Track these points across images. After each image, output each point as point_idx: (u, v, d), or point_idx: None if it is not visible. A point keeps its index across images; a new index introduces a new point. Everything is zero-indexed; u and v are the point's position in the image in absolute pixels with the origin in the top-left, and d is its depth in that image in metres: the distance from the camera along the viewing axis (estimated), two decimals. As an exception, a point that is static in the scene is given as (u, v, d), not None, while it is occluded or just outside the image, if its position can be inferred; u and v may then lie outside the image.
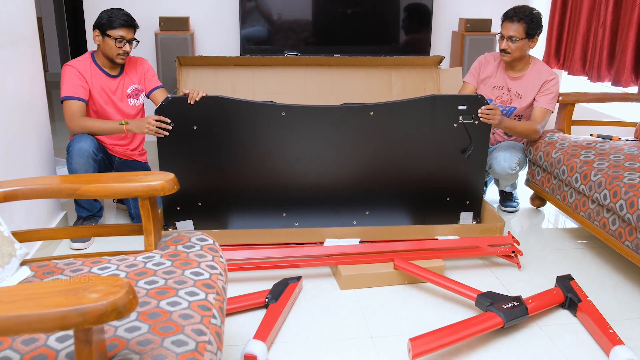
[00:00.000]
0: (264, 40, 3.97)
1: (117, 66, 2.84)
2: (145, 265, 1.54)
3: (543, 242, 2.94)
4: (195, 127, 2.59)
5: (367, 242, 2.67)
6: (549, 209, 3.39)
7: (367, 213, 2.80)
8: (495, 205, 3.35)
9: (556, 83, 3.02)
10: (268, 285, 2.40)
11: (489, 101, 2.94)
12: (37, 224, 2.58)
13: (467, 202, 2.85)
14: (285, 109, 2.61)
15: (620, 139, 3.01)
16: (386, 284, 2.47)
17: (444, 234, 2.76)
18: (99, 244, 2.79)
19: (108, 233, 1.83)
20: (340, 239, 2.67)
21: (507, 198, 3.33)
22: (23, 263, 1.59)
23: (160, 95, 2.91)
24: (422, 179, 2.78)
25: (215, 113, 2.58)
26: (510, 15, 2.96)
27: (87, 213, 2.85)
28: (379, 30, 4.07)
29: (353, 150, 2.70)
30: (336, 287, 2.45)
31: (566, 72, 4.06)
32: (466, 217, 2.87)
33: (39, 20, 2.66)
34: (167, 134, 2.56)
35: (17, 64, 2.42)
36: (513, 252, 2.64)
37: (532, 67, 3.06)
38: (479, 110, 2.70)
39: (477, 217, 2.89)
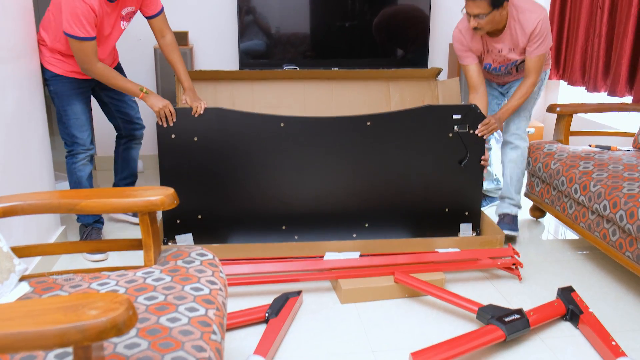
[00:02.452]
0: (262, 54, 3.99)
1: None
2: (144, 281, 1.54)
3: (543, 254, 2.93)
4: (195, 139, 2.59)
5: (367, 255, 2.66)
6: (548, 220, 3.38)
7: (367, 225, 2.79)
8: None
9: (542, 26, 2.74)
10: (268, 300, 2.39)
11: (490, 68, 2.96)
12: (36, 239, 2.57)
13: (466, 213, 2.85)
14: (284, 120, 2.62)
15: (619, 149, 3.01)
16: (387, 298, 2.46)
17: (444, 247, 2.75)
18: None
19: (108, 248, 1.82)
20: (340, 253, 2.66)
21: (508, 221, 3.09)
22: (22, 279, 1.59)
23: (162, 24, 2.73)
24: (420, 189, 2.78)
25: (216, 124, 2.59)
26: None
27: (93, 217, 2.86)
28: (376, 43, 4.08)
29: (351, 161, 2.71)
30: (336, 301, 2.44)
31: (566, 83, 4.07)
32: (465, 229, 2.87)
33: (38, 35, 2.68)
34: (167, 125, 2.57)
35: (17, 79, 2.43)
36: (513, 264, 2.63)
37: (511, 20, 2.76)
38: (477, 132, 2.74)
39: (477, 229, 2.89)
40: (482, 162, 2.83)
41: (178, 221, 2.69)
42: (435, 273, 2.51)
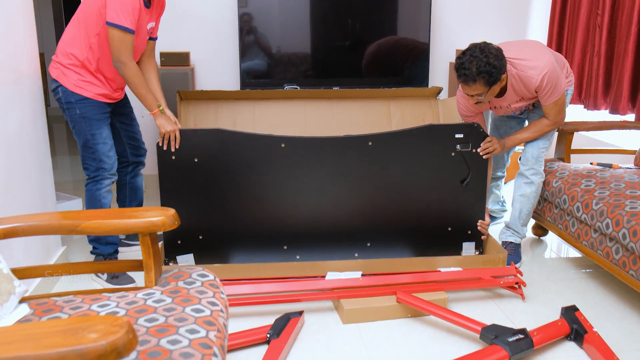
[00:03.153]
0: (263, 73, 4.01)
1: None
2: (145, 302, 1.53)
3: (546, 272, 2.91)
4: (196, 160, 2.59)
5: (369, 275, 2.64)
6: (551, 238, 3.37)
7: (369, 245, 2.79)
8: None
9: (547, 80, 2.63)
10: (269, 320, 2.37)
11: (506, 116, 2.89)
12: (37, 259, 2.57)
13: (469, 232, 2.84)
14: (285, 141, 2.62)
15: (620, 167, 3.01)
16: (389, 318, 2.44)
17: (447, 266, 2.74)
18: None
19: (108, 269, 1.81)
20: (342, 272, 2.65)
21: (510, 250, 3.03)
22: (22, 300, 1.58)
23: (154, 47, 2.79)
24: (422, 208, 2.77)
25: (216, 145, 2.59)
26: (463, 80, 2.55)
27: (113, 247, 2.78)
28: (378, 63, 4.11)
29: (353, 181, 2.70)
30: (338, 321, 2.42)
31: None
32: (468, 247, 2.86)
33: (41, 56, 2.68)
34: (168, 148, 2.56)
35: (19, 101, 2.44)
36: (516, 283, 2.61)
37: (512, 79, 2.68)
38: (479, 150, 2.73)
39: (480, 247, 2.88)
40: (479, 228, 2.83)
41: (179, 242, 2.68)
42: (438, 292, 2.50)
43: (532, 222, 3.40)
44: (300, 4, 3.95)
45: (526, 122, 3.08)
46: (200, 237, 2.70)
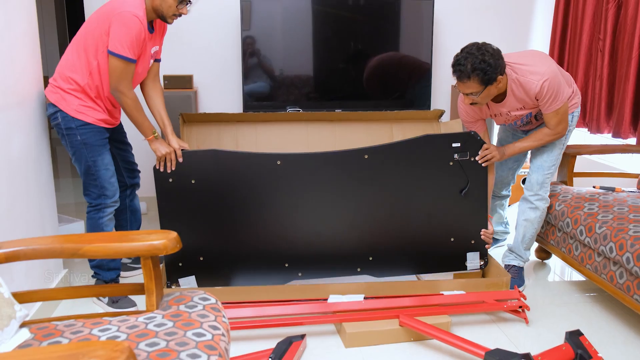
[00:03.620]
0: (266, 96, 4.03)
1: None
2: (146, 327, 1.52)
3: (550, 296, 2.89)
4: (193, 182, 2.60)
5: (372, 298, 2.63)
6: (554, 261, 3.35)
7: (371, 259, 2.78)
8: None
9: (547, 87, 2.60)
10: (271, 344, 2.35)
11: (507, 125, 2.87)
12: (38, 282, 2.56)
13: (472, 242, 2.82)
14: (281, 158, 2.62)
15: (623, 191, 3.00)
16: (392, 342, 2.42)
17: (449, 289, 2.72)
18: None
19: (109, 293, 1.80)
20: (344, 295, 2.63)
21: (514, 274, 3.00)
22: (22, 325, 1.57)
23: (158, 69, 2.80)
24: (423, 220, 2.76)
25: (212, 166, 2.60)
26: (458, 76, 2.53)
27: (115, 273, 2.75)
28: (379, 86, 4.13)
29: (351, 195, 2.70)
30: (341, 345, 2.40)
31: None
32: (473, 258, 2.84)
33: (45, 80, 2.69)
34: (165, 171, 2.57)
35: (23, 124, 2.45)
36: (520, 306, 2.60)
37: (512, 84, 2.65)
38: (477, 158, 2.71)
39: (484, 257, 2.86)
40: (483, 237, 2.81)
41: (180, 264, 2.68)
42: (441, 316, 2.48)
43: (535, 245, 3.39)
44: (303, 27, 3.99)
45: None
46: (201, 259, 2.69)
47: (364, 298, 2.60)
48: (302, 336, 2.33)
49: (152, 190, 4.15)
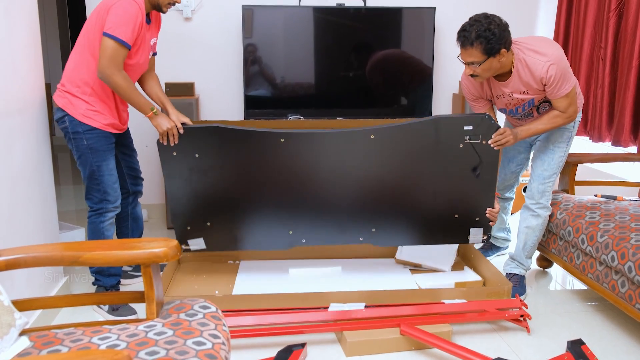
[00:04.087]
0: (267, 103, 4.03)
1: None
2: (146, 335, 1.51)
3: (552, 305, 2.88)
4: (197, 155, 2.62)
5: (373, 306, 2.62)
6: (556, 270, 3.34)
7: (374, 230, 2.80)
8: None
9: (554, 71, 2.55)
10: (272, 353, 2.34)
11: (507, 112, 2.84)
12: (39, 290, 2.55)
13: (477, 219, 2.81)
14: (284, 136, 2.61)
15: (625, 199, 3.00)
16: (393, 351, 2.41)
17: (451, 298, 2.71)
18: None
19: (110, 301, 1.80)
20: (345, 304, 2.62)
21: (515, 282, 2.98)
22: (22, 333, 1.56)
23: (154, 61, 2.83)
24: (429, 197, 2.76)
25: (215, 141, 2.61)
26: (462, 42, 2.53)
27: (115, 279, 2.75)
28: (381, 93, 4.13)
29: (355, 172, 2.70)
30: (342, 354, 2.39)
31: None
32: (476, 233, 2.83)
33: (47, 87, 2.69)
34: (168, 143, 2.58)
35: (25, 131, 2.45)
36: (521, 315, 2.59)
37: (517, 62, 2.61)
38: (490, 142, 2.64)
39: (488, 232, 2.86)
40: (488, 215, 2.80)
41: (188, 227, 2.75)
42: (442, 325, 2.47)
43: (536, 253, 3.37)
44: (304, 35, 4.00)
45: (532, 152, 3.07)
46: (209, 224, 2.75)
47: (365, 306, 2.59)
48: (303, 345, 2.32)
49: (153, 198, 4.16)
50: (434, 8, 4.00)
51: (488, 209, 2.79)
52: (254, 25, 3.91)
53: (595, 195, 3.07)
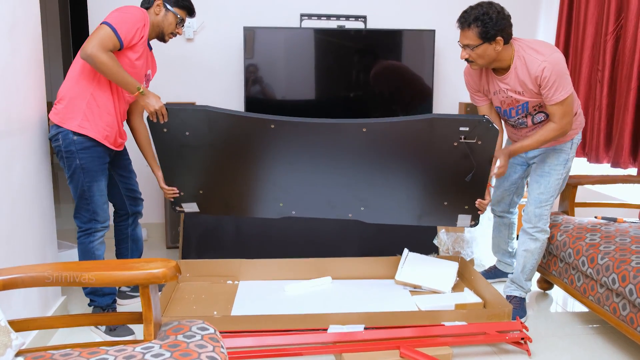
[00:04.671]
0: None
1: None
2: (143, 357, 1.50)
3: (553, 328, 2.86)
4: (187, 134, 2.65)
5: (372, 328, 2.60)
6: (556, 292, 3.33)
7: (363, 209, 2.91)
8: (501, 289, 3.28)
9: (549, 72, 2.55)
10: (270, 375, 2.32)
11: (502, 112, 2.85)
12: (36, 309, 2.54)
13: (466, 207, 2.84)
14: (274, 122, 2.60)
15: (625, 221, 2.99)
16: (392, 373, 2.38)
17: (451, 320, 2.69)
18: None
19: (107, 322, 1.79)
20: (345, 325, 2.60)
21: (515, 305, 2.96)
22: (18, 354, 1.55)
23: (140, 106, 2.83)
24: (418, 188, 2.81)
25: (205, 123, 2.62)
26: (461, 22, 2.59)
27: (111, 298, 2.74)
28: (381, 114, 4.15)
29: (346, 162, 2.73)
30: (340, 377, 2.37)
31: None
32: (464, 219, 2.87)
33: (49, 105, 2.70)
34: (158, 121, 2.59)
35: (25, 151, 2.45)
36: (522, 338, 2.57)
37: (517, 59, 2.63)
38: (491, 175, 2.70)
39: (476, 220, 2.90)
40: (478, 205, 2.81)
41: (182, 193, 2.86)
42: (442, 347, 2.45)
43: (537, 275, 3.36)
44: (305, 56, 4.03)
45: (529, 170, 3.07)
46: (201, 192, 2.87)
47: (364, 328, 2.58)
48: (302, 367, 2.30)
49: (152, 217, 4.16)
50: (434, 30, 4.04)
51: (478, 200, 2.80)
52: (255, 46, 3.94)
53: (596, 217, 3.07)
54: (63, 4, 7.34)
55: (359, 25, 4.08)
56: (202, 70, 4.14)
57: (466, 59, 2.64)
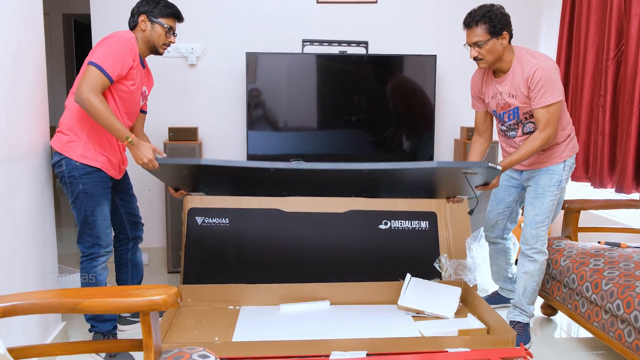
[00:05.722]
0: (270, 148, 4.05)
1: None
2: (143, 386, 1.48)
3: (557, 354, 2.83)
4: (185, 172, 2.66)
5: (375, 354, 2.57)
6: (560, 317, 3.30)
7: (365, 195, 3.20)
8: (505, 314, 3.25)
9: (540, 76, 2.66)
10: (271, 403, 2.29)
11: (496, 115, 2.96)
12: (36, 335, 2.52)
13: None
14: (274, 170, 2.58)
15: (629, 246, 2.97)
16: (395, 401, 2.35)
17: (454, 346, 2.66)
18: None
19: (107, 349, 1.77)
20: (347, 352, 2.58)
21: (519, 331, 2.93)
22: (17, 382, 1.53)
23: (143, 121, 2.89)
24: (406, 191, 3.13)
25: (202, 171, 2.63)
26: (468, 22, 2.72)
27: (112, 324, 2.72)
28: (382, 140, 4.16)
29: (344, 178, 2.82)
30: (343, 405, 2.34)
31: (570, 179, 4.09)
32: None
33: (52, 130, 2.71)
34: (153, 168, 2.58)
35: (28, 176, 2.46)
36: (526, 365, 2.54)
37: (516, 62, 2.76)
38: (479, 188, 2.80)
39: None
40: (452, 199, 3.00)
41: (185, 172, 2.77)
42: (446, 375, 2.42)
43: (540, 301, 3.33)
44: (307, 81, 4.05)
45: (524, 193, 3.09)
46: (206, 189, 3.06)
47: (367, 354, 2.55)
48: (303, 395, 2.28)
49: (153, 241, 4.15)
50: (435, 56, 4.06)
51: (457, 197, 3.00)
52: (258, 72, 3.97)
53: (599, 242, 3.05)
54: (67, 29, 7.41)
55: (360, 50, 4.11)
56: (204, 95, 4.16)
57: (474, 58, 2.75)
